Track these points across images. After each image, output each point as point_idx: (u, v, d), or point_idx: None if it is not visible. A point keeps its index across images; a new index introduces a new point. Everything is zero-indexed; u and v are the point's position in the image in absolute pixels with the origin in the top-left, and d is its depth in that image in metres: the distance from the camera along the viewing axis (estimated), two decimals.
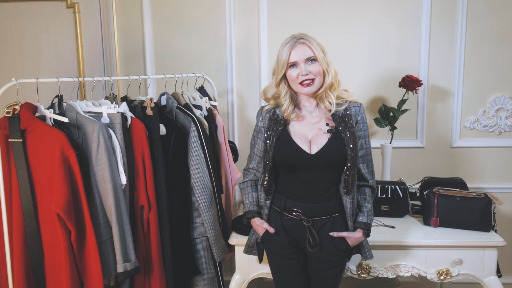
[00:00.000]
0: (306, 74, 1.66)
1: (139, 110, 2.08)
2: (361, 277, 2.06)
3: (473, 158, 2.76)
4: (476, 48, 2.67)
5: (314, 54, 1.67)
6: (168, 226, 2.01)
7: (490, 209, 2.12)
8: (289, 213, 1.72)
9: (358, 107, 1.74)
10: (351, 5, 2.68)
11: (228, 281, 2.15)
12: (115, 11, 2.79)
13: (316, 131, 1.71)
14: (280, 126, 1.72)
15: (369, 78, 2.73)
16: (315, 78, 1.67)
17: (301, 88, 1.69)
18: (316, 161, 1.66)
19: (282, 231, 1.75)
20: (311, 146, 1.68)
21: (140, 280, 2.00)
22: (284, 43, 1.70)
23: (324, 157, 1.67)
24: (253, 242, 1.86)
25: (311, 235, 1.70)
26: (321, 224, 1.72)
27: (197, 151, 2.09)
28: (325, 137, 1.69)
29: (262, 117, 1.78)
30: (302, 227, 1.72)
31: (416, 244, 2.05)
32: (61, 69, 2.83)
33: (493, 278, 2.04)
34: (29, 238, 1.76)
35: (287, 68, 1.69)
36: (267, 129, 1.73)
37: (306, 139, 1.70)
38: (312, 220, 1.70)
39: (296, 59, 1.66)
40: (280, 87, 1.74)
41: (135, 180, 1.93)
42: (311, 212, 1.71)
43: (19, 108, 1.74)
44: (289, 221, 1.74)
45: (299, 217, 1.70)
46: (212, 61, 2.79)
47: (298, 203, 1.71)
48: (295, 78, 1.68)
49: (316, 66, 1.67)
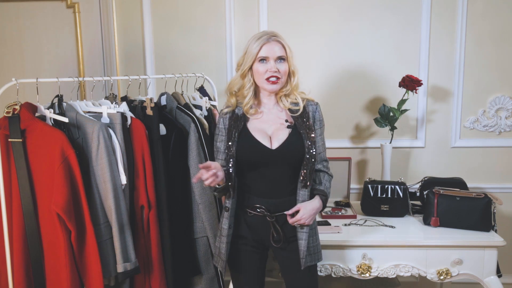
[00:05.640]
0: (274, 72, 1.67)
1: (139, 110, 2.08)
2: (361, 277, 2.06)
3: (473, 158, 2.76)
4: (476, 48, 2.67)
5: (285, 54, 1.69)
6: (168, 226, 2.01)
7: (490, 209, 2.12)
8: (252, 209, 1.73)
9: (315, 105, 1.78)
10: (351, 5, 2.68)
11: (228, 281, 2.14)
12: (115, 11, 2.79)
13: (276, 127, 1.73)
14: (241, 122, 1.73)
15: (369, 78, 2.73)
16: (281, 78, 1.69)
17: (266, 84, 1.70)
18: (277, 156, 1.68)
19: (245, 228, 1.76)
20: (272, 141, 1.70)
21: (140, 280, 2.00)
22: (256, 37, 1.70)
23: (285, 151, 1.68)
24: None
25: (275, 230, 1.72)
26: (284, 218, 1.72)
27: (197, 151, 2.09)
28: (285, 133, 1.71)
29: (222, 119, 1.77)
30: (265, 222, 1.73)
31: (416, 244, 2.05)
32: (61, 69, 2.83)
33: (493, 278, 2.03)
34: (29, 238, 1.76)
35: (255, 61, 1.70)
36: (228, 128, 1.74)
37: (266, 134, 1.71)
38: (275, 215, 1.71)
39: (267, 55, 1.67)
40: (246, 80, 1.74)
41: (135, 180, 1.93)
42: (274, 208, 1.72)
43: (19, 108, 1.74)
44: (252, 218, 1.74)
45: (262, 213, 1.71)
46: (212, 61, 2.79)
47: (261, 199, 1.72)
48: (263, 73, 1.68)
49: (284, 65, 1.69)
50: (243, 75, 1.74)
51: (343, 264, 2.07)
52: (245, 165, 1.71)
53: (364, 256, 2.05)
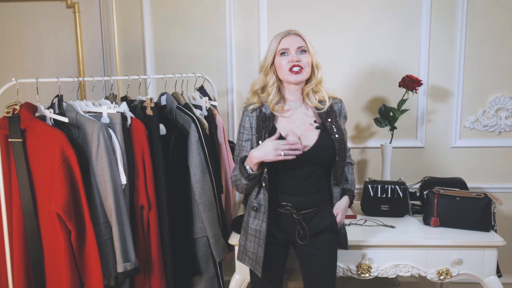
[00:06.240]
0: (296, 61, 1.67)
1: (139, 110, 2.08)
2: (361, 277, 2.06)
3: (473, 158, 2.76)
4: (476, 48, 2.67)
5: (305, 45, 1.70)
6: (168, 226, 2.01)
7: (490, 209, 2.12)
8: (280, 207, 1.74)
9: (340, 103, 1.80)
10: (351, 5, 2.68)
11: (228, 281, 2.15)
12: (115, 11, 2.79)
13: (305, 127, 1.72)
14: (270, 123, 1.72)
15: (369, 78, 2.73)
16: (304, 68, 1.68)
17: (290, 75, 1.68)
18: (307, 157, 1.67)
19: (272, 225, 1.76)
20: (302, 142, 1.69)
21: (140, 280, 2.00)
22: (275, 35, 1.73)
23: (316, 153, 1.69)
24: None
25: (301, 227, 1.72)
26: (310, 216, 1.74)
27: (197, 151, 2.09)
28: (315, 134, 1.71)
29: (248, 117, 1.75)
30: (292, 220, 1.74)
31: (416, 244, 2.05)
32: (61, 69, 2.83)
33: (493, 278, 2.03)
34: (29, 238, 1.76)
35: (276, 55, 1.70)
36: (257, 128, 1.72)
37: (296, 135, 1.71)
38: (302, 213, 1.72)
39: (287, 46, 1.68)
40: (268, 77, 1.74)
41: (135, 180, 1.93)
42: (301, 205, 1.73)
43: (19, 108, 1.74)
44: (279, 215, 1.76)
45: (289, 211, 1.72)
46: (212, 61, 2.79)
47: (289, 197, 1.73)
48: (285, 64, 1.68)
49: (306, 56, 1.70)
50: (265, 72, 1.74)
51: (343, 264, 2.07)
52: (276, 166, 1.70)
53: (364, 256, 2.05)
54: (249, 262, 1.79)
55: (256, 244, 1.74)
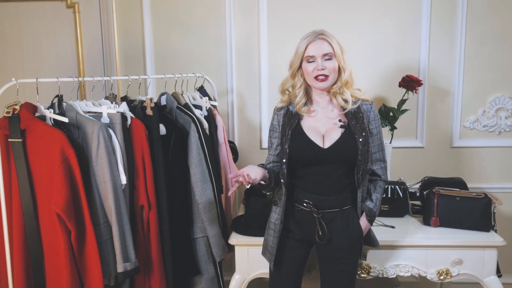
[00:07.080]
0: (321, 69, 1.70)
1: (139, 110, 2.08)
2: (361, 277, 2.06)
3: (473, 158, 2.76)
4: (476, 48, 2.67)
5: (332, 51, 1.71)
6: (168, 226, 2.01)
7: (490, 209, 2.12)
8: (300, 204, 1.76)
9: (370, 105, 1.80)
10: (351, 5, 2.68)
11: (228, 281, 2.15)
12: (115, 11, 2.79)
13: (329, 126, 1.75)
14: (295, 120, 1.76)
15: (369, 78, 2.73)
16: (329, 75, 1.71)
17: (315, 83, 1.73)
18: (328, 155, 1.70)
19: (293, 222, 1.79)
20: (325, 140, 1.72)
21: (140, 280, 2.00)
22: (304, 37, 1.74)
23: (337, 151, 1.71)
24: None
25: (320, 227, 1.73)
26: (331, 216, 1.75)
27: (197, 151, 2.09)
28: (338, 132, 1.73)
29: (277, 115, 1.82)
30: (312, 218, 1.75)
31: (416, 244, 2.05)
32: (61, 69, 2.83)
33: (493, 278, 2.03)
34: (29, 238, 1.76)
35: (302, 60, 1.73)
36: (283, 124, 1.77)
37: (320, 133, 1.74)
38: (322, 212, 1.73)
39: (313, 53, 1.70)
40: (296, 79, 1.78)
41: (135, 180, 1.93)
42: (321, 204, 1.74)
43: (19, 108, 1.74)
44: (300, 212, 1.77)
45: (309, 208, 1.73)
46: (212, 61, 2.79)
47: (310, 195, 1.75)
48: (311, 72, 1.71)
49: (332, 62, 1.71)
50: (293, 75, 1.79)
51: None
52: (297, 162, 1.74)
53: (364, 256, 2.05)
54: (267, 256, 1.83)
55: (272, 236, 1.80)
